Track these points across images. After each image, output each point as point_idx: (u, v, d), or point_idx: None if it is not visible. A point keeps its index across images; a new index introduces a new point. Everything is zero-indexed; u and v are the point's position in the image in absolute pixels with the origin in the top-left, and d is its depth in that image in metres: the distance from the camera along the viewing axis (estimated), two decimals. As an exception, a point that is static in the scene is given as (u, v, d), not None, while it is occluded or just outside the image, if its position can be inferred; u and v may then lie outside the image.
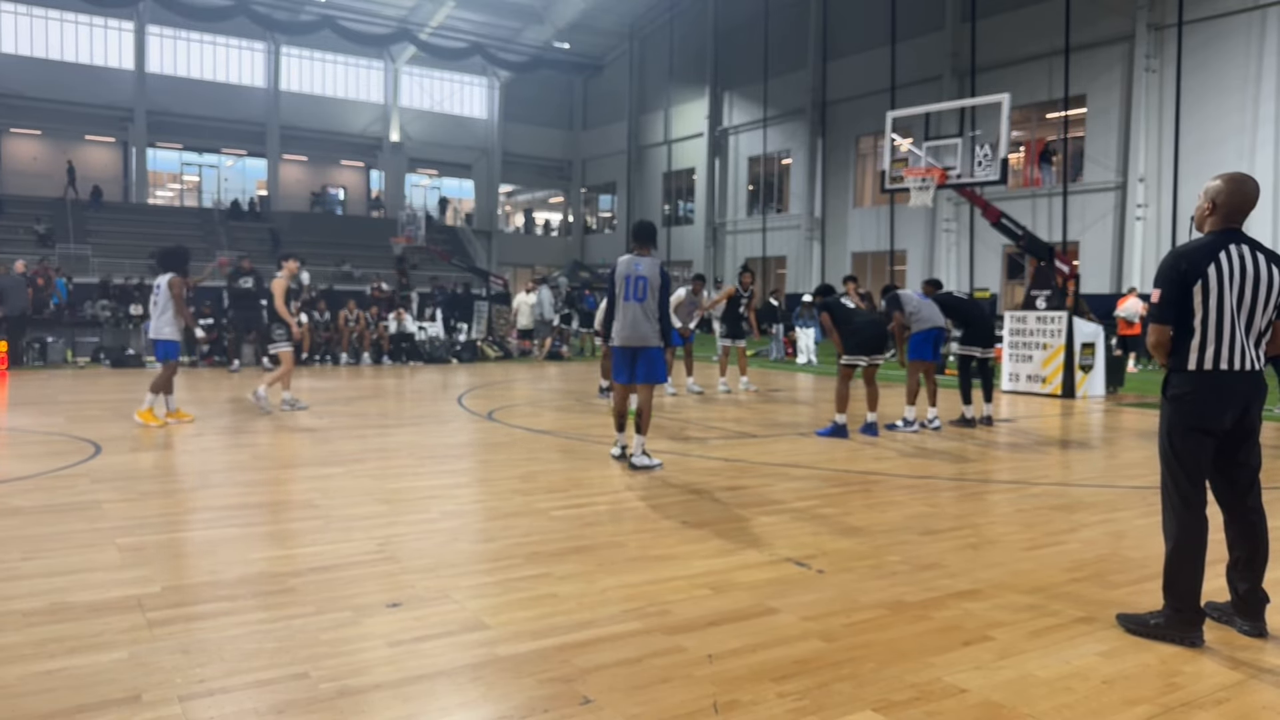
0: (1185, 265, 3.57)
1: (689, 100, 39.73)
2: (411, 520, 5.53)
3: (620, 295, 7.19)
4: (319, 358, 18.33)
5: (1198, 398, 3.62)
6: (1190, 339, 3.60)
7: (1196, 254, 3.59)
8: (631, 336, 7.17)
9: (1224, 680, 3.27)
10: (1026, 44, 26.79)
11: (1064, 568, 4.66)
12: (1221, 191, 3.65)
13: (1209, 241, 3.62)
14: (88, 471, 6.80)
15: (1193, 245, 3.63)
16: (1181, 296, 3.58)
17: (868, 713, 2.97)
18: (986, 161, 13.70)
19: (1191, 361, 3.62)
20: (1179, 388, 3.66)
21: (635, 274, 7.15)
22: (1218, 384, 3.61)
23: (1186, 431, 3.65)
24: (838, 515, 5.80)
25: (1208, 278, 3.56)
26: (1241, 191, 3.65)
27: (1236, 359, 3.60)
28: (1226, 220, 3.65)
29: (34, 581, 4.16)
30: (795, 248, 34.94)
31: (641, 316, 7.14)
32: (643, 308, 7.13)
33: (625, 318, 7.17)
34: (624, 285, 7.18)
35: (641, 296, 7.12)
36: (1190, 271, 3.57)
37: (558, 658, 3.36)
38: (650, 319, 7.15)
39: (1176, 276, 3.59)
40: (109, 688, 3.04)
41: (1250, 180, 3.68)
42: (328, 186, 42.94)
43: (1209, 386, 3.61)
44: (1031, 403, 12.80)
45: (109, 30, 36.67)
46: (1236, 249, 3.60)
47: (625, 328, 7.18)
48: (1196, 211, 3.75)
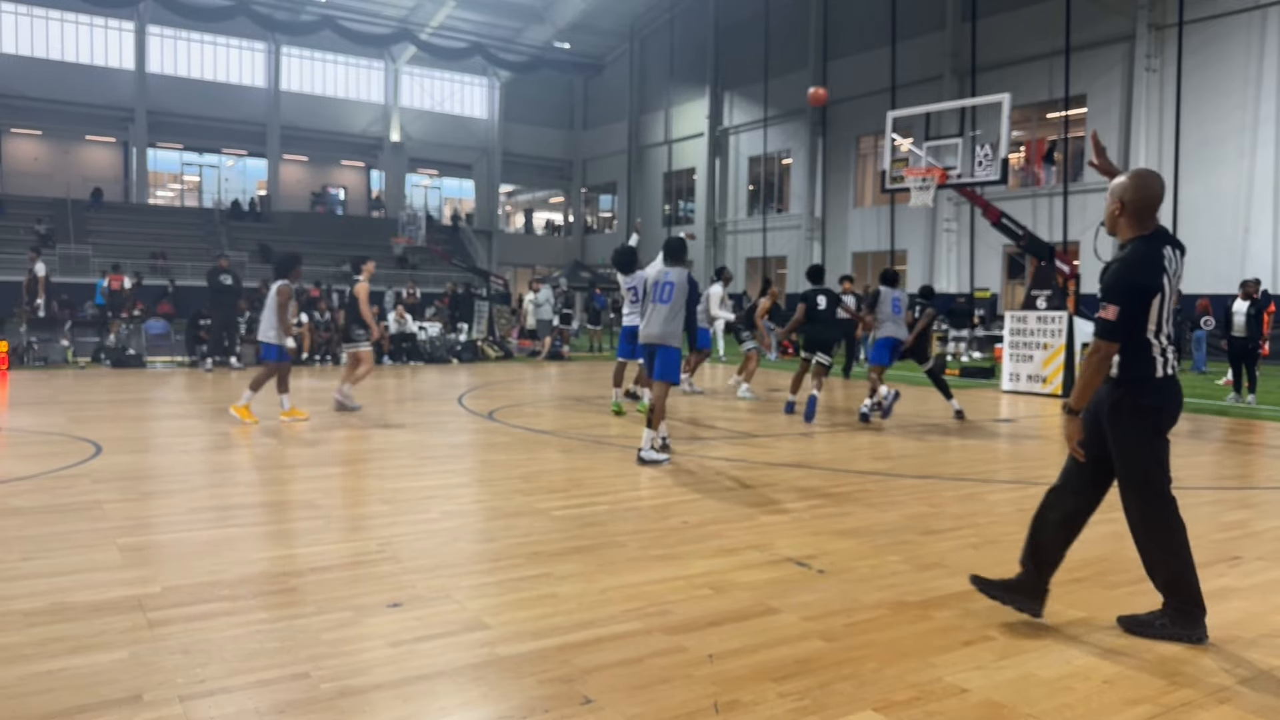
0: (1145, 280, 3.50)
1: (689, 100, 39.74)
2: (412, 520, 5.53)
3: (649, 298, 7.85)
4: (319, 358, 18.33)
5: (1167, 404, 3.61)
6: (1151, 349, 3.55)
7: (1149, 267, 3.52)
8: (652, 335, 7.75)
9: (1224, 680, 3.27)
10: (1027, 44, 26.79)
11: (1064, 567, 4.63)
12: (1128, 189, 3.59)
13: (1150, 250, 3.55)
14: (88, 472, 6.80)
15: (1141, 257, 3.54)
16: (1140, 312, 3.52)
17: (868, 712, 2.97)
18: (987, 161, 13.70)
19: (1159, 370, 3.57)
20: (1150, 398, 3.58)
21: (664, 280, 7.79)
22: (1178, 389, 3.64)
23: (1161, 438, 3.65)
24: (838, 515, 5.80)
25: (1164, 290, 3.52)
26: (1148, 188, 3.58)
27: (1173, 364, 3.63)
28: (1139, 220, 3.59)
29: (35, 581, 4.16)
30: (795, 248, 34.94)
31: (664, 317, 7.70)
32: (668, 309, 7.70)
33: (650, 317, 7.79)
34: (653, 289, 7.84)
35: (667, 299, 7.72)
36: (1150, 286, 3.50)
37: (558, 658, 3.36)
38: (671, 320, 7.71)
39: (1136, 293, 3.51)
40: (109, 688, 3.04)
41: (1155, 176, 3.63)
42: (328, 186, 42.98)
43: (1174, 392, 3.62)
44: (1032, 403, 12.79)
45: (109, 30, 36.70)
46: (1169, 252, 3.57)
47: (648, 326, 7.78)
48: (1106, 214, 3.69)
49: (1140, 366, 3.56)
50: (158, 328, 19.47)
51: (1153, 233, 3.58)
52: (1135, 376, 3.57)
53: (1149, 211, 3.59)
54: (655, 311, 7.74)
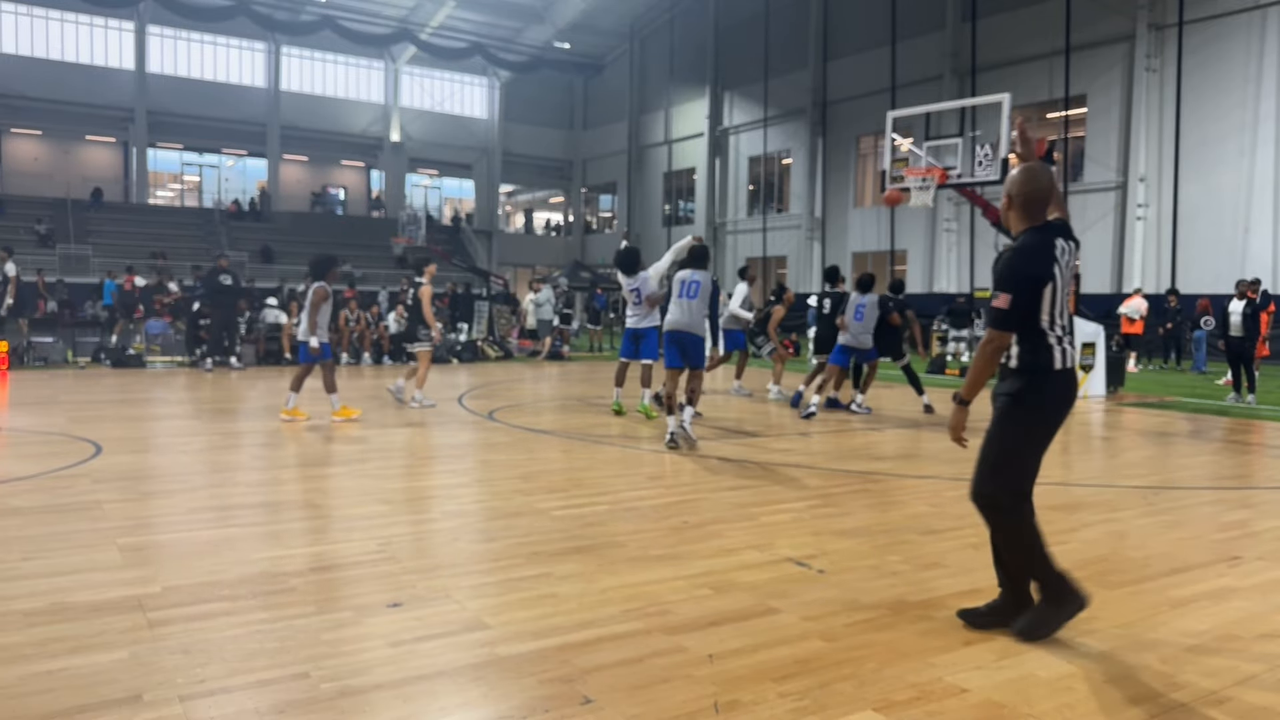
0: (1036, 270, 3.47)
1: (689, 100, 39.75)
2: (412, 520, 5.53)
3: (675, 295, 8.74)
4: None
5: (1060, 398, 3.56)
6: (1046, 339, 3.52)
7: (1039, 257, 3.50)
8: (680, 323, 8.65)
9: (1224, 680, 3.27)
10: (1027, 44, 26.80)
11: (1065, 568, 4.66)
12: (1016, 183, 3.57)
13: (1042, 240, 3.53)
14: (88, 472, 6.80)
15: (1032, 247, 3.52)
16: (1032, 301, 3.47)
17: (869, 712, 2.97)
18: (987, 161, 13.70)
19: (1056, 361, 3.53)
20: (1042, 391, 3.53)
21: (691, 279, 8.74)
22: (1073, 382, 3.61)
23: (1047, 434, 3.59)
24: (838, 515, 5.80)
25: (1055, 279, 3.50)
26: (1035, 181, 3.56)
27: (1071, 355, 3.60)
28: (1029, 213, 3.57)
29: (35, 581, 4.16)
30: (795, 248, 34.95)
31: (691, 309, 8.67)
32: (693, 304, 8.68)
33: (678, 311, 8.68)
34: (680, 287, 8.74)
35: (693, 295, 8.70)
36: (1041, 275, 3.47)
37: (558, 658, 3.36)
38: (697, 314, 8.67)
39: (1029, 283, 3.47)
40: (109, 688, 3.04)
41: (1044, 171, 3.60)
42: (328, 186, 42.97)
43: (1069, 386, 3.58)
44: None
45: (109, 30, 36.70)
46: (1061, 243, 3.55)
47: (677, 316, 8.66)
48: (1000, 209, 3.70)
49: (1038, 357, 3.52)
50: (158, 328, 19.47)
51: (1044, 224, 3.57)
52: (1033, 368, 3.53)
53: (1038, 205, 3.57)
54: (684, 306, 8.64)
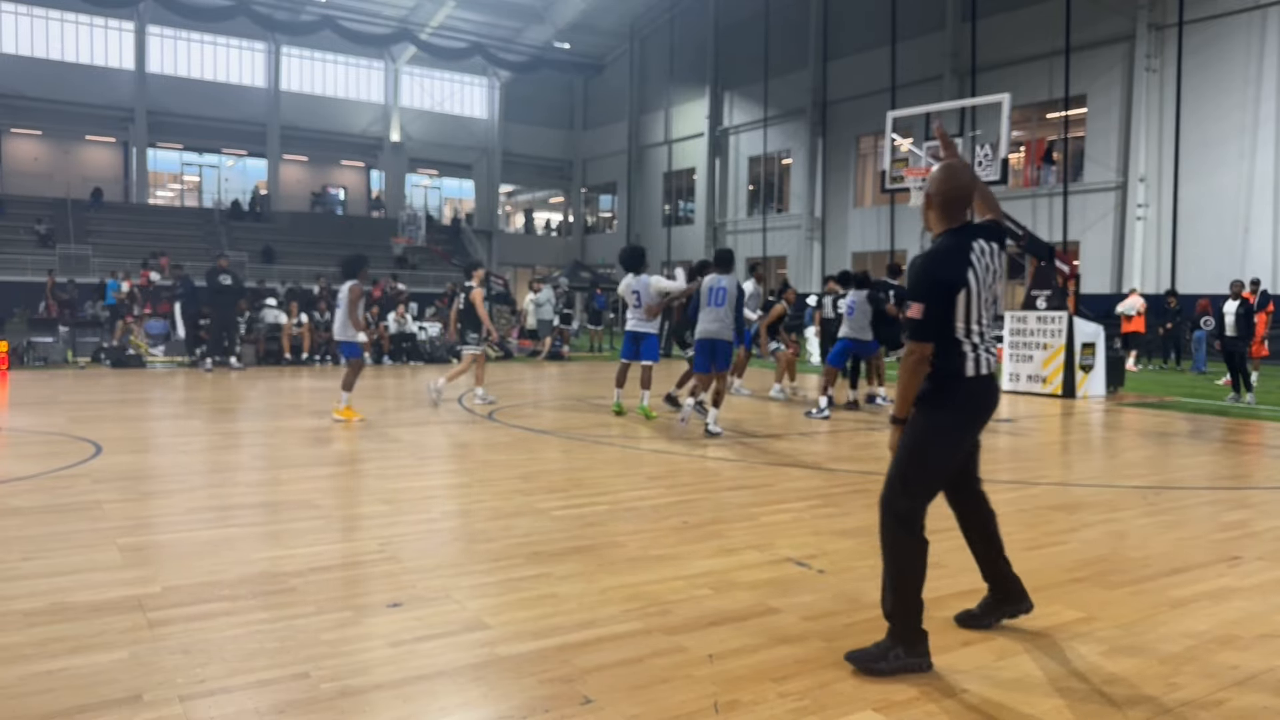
0: (948, 275, 3.31)
1: (689, 100, 39.74)
2: (412, 520, 5.53)
3: (704, 302, 9.32)
4: (319, 358, 18.34)
5: (977, 406, 3.41)
6: (960, 346, 3.35)
7: (952, 262, 3.33)
8: (711, 331, 9.24)
9: (1224, 680, 3.27)
10: (1027, 44, 26.79)
11: (1064, 567, 4.67)
12: (936, 182, 3.43)
13: (957, 244, 3.37)
14: (88, 472, 6.80)
15: (945, 251, 3.36)
16: (947, 309, 3.30)
17: (868, 712, 2.97)
18: (987, 161, 13.70)
19: (969, 368, 3.36)
20: (950, 396, 3.37)
21: (717, 286, 9.29)
22: (989, 389, 3.45)
23: (957, 445, 3.44)
24: (838, 515, 5.80)
25: (969, 285, 3.33)
26: (955, 180, 3.41)
27: (989, 362, 3.44)
28: (948, 213, 3.41)
29: (35, 581, 4.16)
30: (795, 248, 34.94)
31: (721, 316, 9.23)
32: (721, 311, 9.25)
33: (709, 318, 9.27)
34: (708, 294, 9.31)
35: (720, 302, 9.26)
36: (953, 281, 3.30)
37: (558, 658, 3.36)
38: (726, 319, 9.24)
39: (941, 289, 3.30)
40: (110, 688, 3.04)
41: (963, 168, 3.46)
42: (328, 186, 42.97)
43: (984, 393, 3.43)
44: (1032, 403, 12.79)
45: (109, 30, 36.69)
46: (981, 245, 3.40)
47: (708, 325, 9.27)
48: (921, 209, 3.56)
49: (949, 363, 3.35)
50: (158, 327, 19.47)
51: (962, 226, 3.41)
52: (943, 373, 3.36)
53: (958, 205, 3.41)
54: (714, 313, 9.23)
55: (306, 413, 10.72)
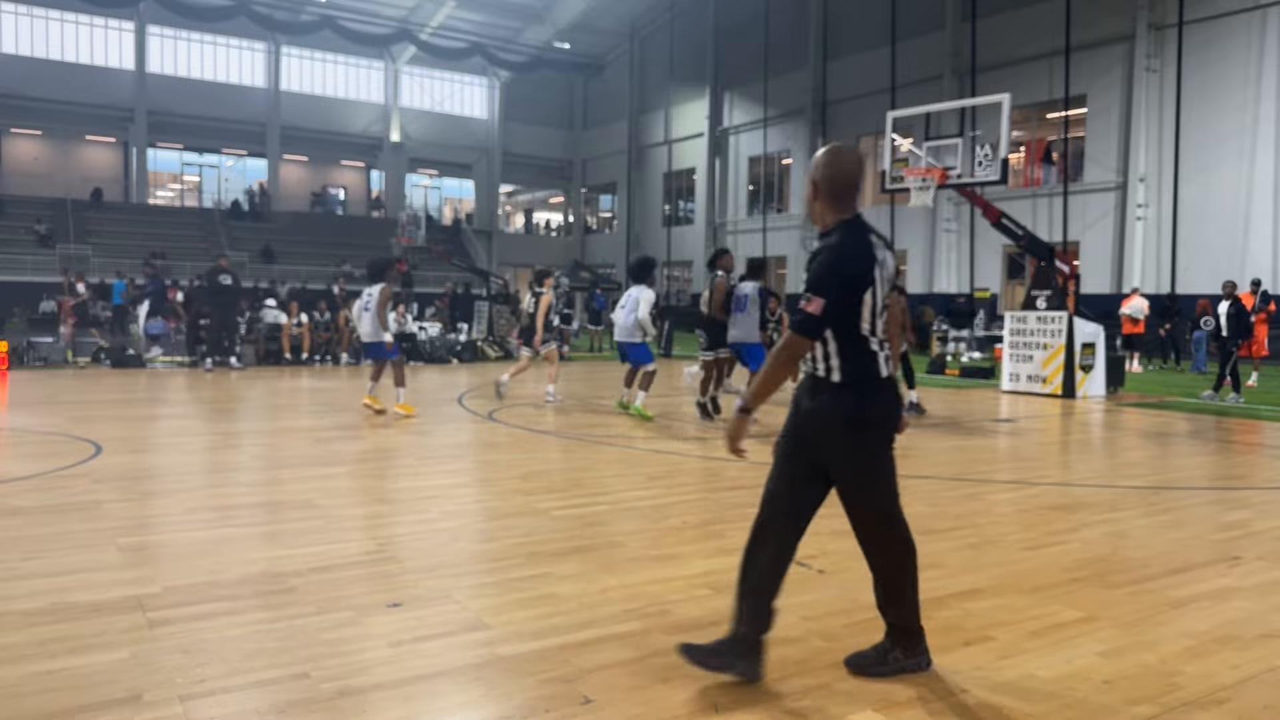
0: (855, 271, 3.06)
1: (689, 100, 39.74)
2: (412, 520, 5.53)
3: (733, 310, 10.08)
4: (319, 358, 18.33)
5: (891, 410, 3.19)
6: (869, 345, 3.12)
7: (860, 256, 3.08)
8: (738, 337, 10.06)
9: (1224, 680, 3.27)
10: (1027, 44, 26.79)
11: (1064, 568, 4.67)
12: (820, 167, 3.18)
13: (860, 239, 3.12)
14: (88, 472, 6.80)
15: (852, 244, 3.10)
16: (851, 306, 3.06)
17: (868, 713, 2.97)
18: (987, 161, 13.69)
19: (882, 368, 3.15)
20: (879, 407, 3.14)
21: (742, 293, 10.02)
22: (896, 392, 3.25)
23: (890, 449, 3.22)
24: (838, 515, 5.77)
25: (875, 283, 3.09)
26: (840, 163, 3.16)
27: (890, 369, 3.22)
28: (837, 201, 3.16)
29: (35, 581, 4.16)
30: (795, 248, 34.94)
31: (746, 322, 10.02)
32: (743, 316, 10.02)
33: (736, 326, 10.05)
34: (737, 302, 10.03)
35: (745, 309, 10.01)
36: (863, 277, 3.06)
37: (558, 658, 3.36)
38: (752, 323, 10.05)
39: (849, 285, 3.05)
40: (110, 688, 3.04)
41: (850, 152, 3.22)
42: (328, 186, 42.98)
43: (896, 396, 3.24)
44: (1032, 403, 12.79)
45: (109, 30, 36.70)
46: (876, 241, 3.16)
47: (736, 332, 10.05)
48: (806, 200, 3.32)
49: (863, 368, 3.11)
50: (157, 327, 19.47)
51: (856, 218, 3.16)
52: (860, 380, 3.11)
53: (847, 191, 3.16)
54: (741, 319, 9.95)
55: (306, 413, 10.73)
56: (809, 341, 3.07)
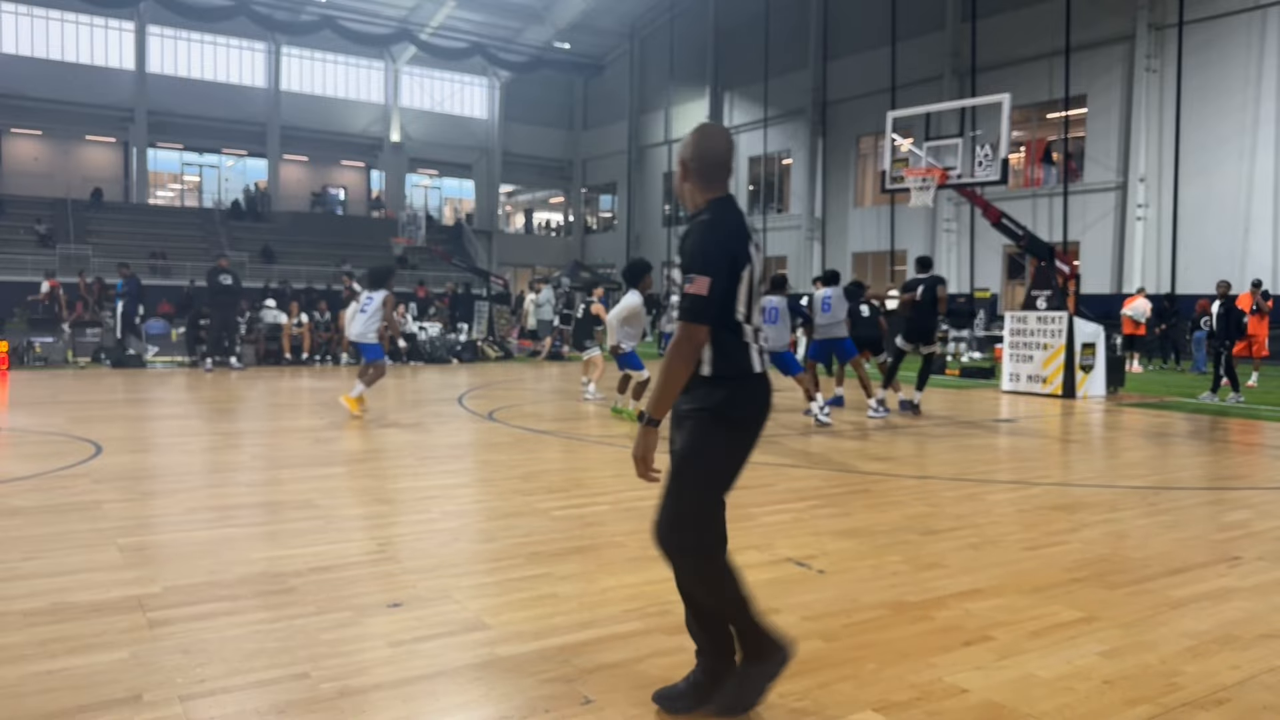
0: (735, 246, 2.81)
1: (689, 100, 39.73)
2: (412, 520, 5.53)
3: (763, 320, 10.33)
4: (319, 358, 18.34)
5: (763, 407, 2.90)
6: (743, 334, 2.85)
7: (738, 232, 2.85)
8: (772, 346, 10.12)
9: (1224, 680, 3.27)
10: (1027, 44, 26.79)
11: (1064, 568, 4.67)
12: (688, 147, 2.98)
13: (735, 216, 2.89)
14: (88, 472, 6.80)
15: (730, 221, 2.87)
16: (733, 287, 2.81)
17: (868, 713, 2.97)
18: (987, 161, 13.69)
19: (755, 363, 2.87)
20: (747, 400, 2.84)
21: (770, 305, 10.31)
22: (769, 389, 2.94)
23: (747, 453, 2.88)
24: (838, 515, 5.80)
25: (753, 262, 2.86)
26: (709, 140, 2.97)
27: (766, 360, 2.99)
28: (708, 180, 2.95)
29: (35, 581, 4.16)
30: (795, 248, 34.94)
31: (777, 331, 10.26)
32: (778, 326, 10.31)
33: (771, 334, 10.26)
34: (764, 314, 10.08)
35: (775, 320, 10.31)
36: (741, 253, 2.82)
37: (558, 658, 3.36)
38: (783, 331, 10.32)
39: (729, 262, 2.79)
40: (110, 688, 3.04)
41: (717, 131, 3.02)
42: (328, 187, 42.96)
43: (767, 393, 2.93)
44: (1032, 403, 12.79)
45: (109, 30, 36.69)
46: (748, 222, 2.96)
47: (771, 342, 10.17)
48: (675, 182, 3.08)
49: (735, 359, 2.84)
50: (157, 327, 19.47)
51: (728, 197, 2.96)
52: (728, 371, 2.83)
53: (717, 170, 2.95)
54: (772, 330, 10.21)
55: (306, 413, 10.73)
56: (704, 327, 2.75)
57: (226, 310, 16.52)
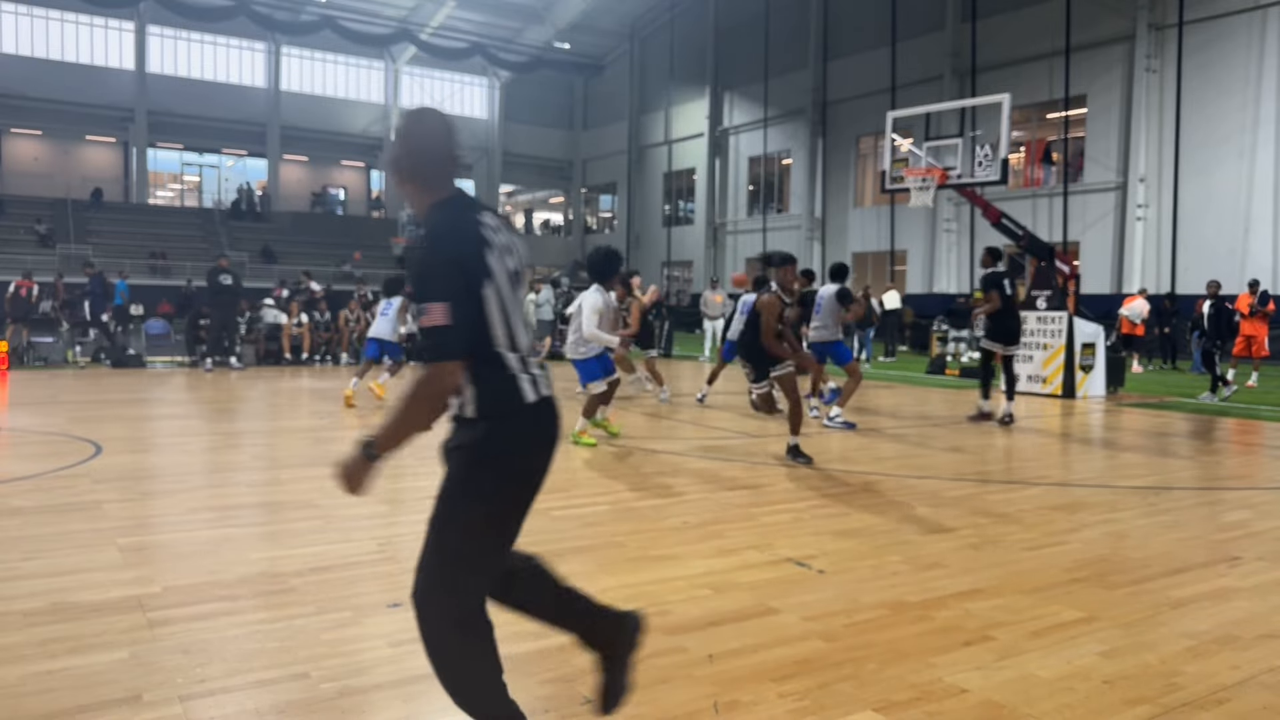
0: (461, 255, 2.31)
1: (689, 100, 39.74)
2: (412, 520, 5.53)
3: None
4: (319, 358, 18.34)
5: (538, 442, 2.47)
6: (504, 362, 2.40)
7: (463, 238, 2.34)
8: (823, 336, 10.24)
9: (1224, 680, 3.27)
10: (1027, 44, 26.79)
11: (1064, 568, 4.67)
12: (399, 139, 2.48)
13: (460, 218, 2.39)
14: (88, 472, 6.80)
15: (453, 227, 2.36)
16: (473, 307, 2.32)
17: (868, 713, 2.97)
18: (987, 162, 13.69)
19: (526, 392, 2.42)
20: (512, 439, 2.40)
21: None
22: (552, 419, 2.50)
23: (522, 499, 2.46)
24: (838, 515, 5.80)
25: (493, 272, 2.35)
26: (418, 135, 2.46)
27: (546, 381, 2.52)
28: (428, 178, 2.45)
29: (35, 581, 4.16)
30: (796, 248, 34.89)
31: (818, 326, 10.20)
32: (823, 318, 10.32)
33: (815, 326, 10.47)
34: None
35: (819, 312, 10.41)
36: (473, 265, 2.32)
37: (558, 657, 3.36)
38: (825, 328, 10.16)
39: (459, 277, 2.29)
40: (110, 688, 3.04)
41: (431, 117, 2.49)
42: (328, 187, 42.97)
43: (547, 424, 2.49)
44: (1032, 403, 12.79)
45: (109, 30, 36.68)
46: (494, 222, 2.45)
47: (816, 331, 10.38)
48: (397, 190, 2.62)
49: (503, 395, 2.40)
50: (158, 328, 19.47)
51: (454, 196, 2.45)
52: (494, 412, 2.40)
53: (438, 165, 2.45)
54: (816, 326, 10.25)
55: (306, 413, 10.73)
56: (454, 364, 2.28)
57: (226, 310, 16.52)
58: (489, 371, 2.40)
